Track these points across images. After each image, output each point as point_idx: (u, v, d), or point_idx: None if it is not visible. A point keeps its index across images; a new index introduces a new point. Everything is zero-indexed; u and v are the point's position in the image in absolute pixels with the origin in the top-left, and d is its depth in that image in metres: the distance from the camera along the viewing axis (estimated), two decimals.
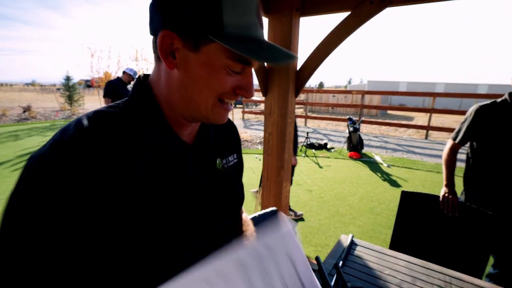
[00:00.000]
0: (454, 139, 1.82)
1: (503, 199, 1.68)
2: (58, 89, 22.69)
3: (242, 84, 0.52)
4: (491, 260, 1.86)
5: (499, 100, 1.69)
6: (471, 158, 1.81)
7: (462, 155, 1.87)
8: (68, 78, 15.50)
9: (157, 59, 0.53)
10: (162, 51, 0.49)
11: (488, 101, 1.72)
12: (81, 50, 37.01)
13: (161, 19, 0.48)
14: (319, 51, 1.97)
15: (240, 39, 0.46)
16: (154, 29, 0.50)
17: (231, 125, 0.78)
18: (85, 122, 0.49)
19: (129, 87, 4.67)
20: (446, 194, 1.66)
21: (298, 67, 2.12)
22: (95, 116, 0.51)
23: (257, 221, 1.52)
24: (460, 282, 1.22)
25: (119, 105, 0.55)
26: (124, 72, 4.61)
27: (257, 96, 16.95)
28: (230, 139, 0.75)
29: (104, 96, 4.41)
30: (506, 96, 1.67)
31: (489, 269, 1.87)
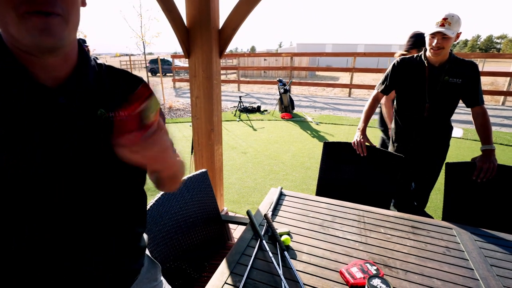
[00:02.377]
0: (377, 88, 1.97)
1: (423, 154, 1.88)
2: None
3: None
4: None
5: (415, 55, 1.82)
6: (394, 114, 1.98)
7: None
8: None
9: None
10: None
11: (408, 55, 1.84)
12: None
13: None
14: (240, 8, 1.90)
15: None
16: None
17: (133, 81, 0.69)
18: None
19: None
20: (357, 137, 1.84)
21: (220, 25, 2.03)
22: None
23: (187, 184, 1.51)
24: (371, 214, 1.42)
25: None
26: None
27: (186, 63, 16.11)
28: (127, 95, 0.68)
29: None
30: (422, 52, 1.78)
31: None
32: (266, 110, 7.76)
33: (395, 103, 1.96)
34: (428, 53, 1.73)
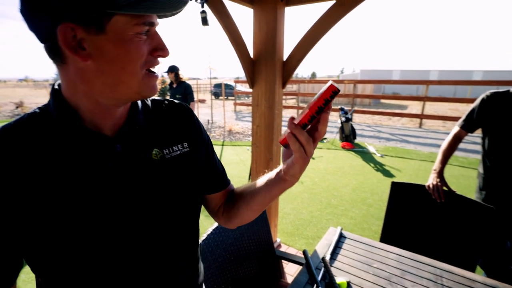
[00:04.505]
0: (460, 125, 1.74)
1: None
2: (51, 84, 23.83)
3: (156, 45, 0.53)
4: None
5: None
6: (482, 154, 1.71)
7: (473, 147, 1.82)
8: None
9: (60, 62, 0.51)
10: (69, 47, 0.46)
11: (501, 89, 1.61)
12: None
13: (51, 19, 0.45)
14: (305, 42, 1.92)
15: (135, 3, 0.46)
16: (47, 32, 0.47)
17: (179, 111, 0.71)
18: (11, 123, 0.53)
19: None
20: (433, 180, 1.62)
21: (285, 58, 2.07)
22: (23, 117, 0.54)
23: None
24: (451, 275, 1.20)
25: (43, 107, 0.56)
26: None
27: (248, 87, 16.76)
28: (179, 126, 0.68)
29: None
30: None
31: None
32: (326, 138, 7.56)
33: (484, 143, 1.70)
34: None
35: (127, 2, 0.45)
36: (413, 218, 1.69)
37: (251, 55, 2.09)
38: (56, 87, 0.56)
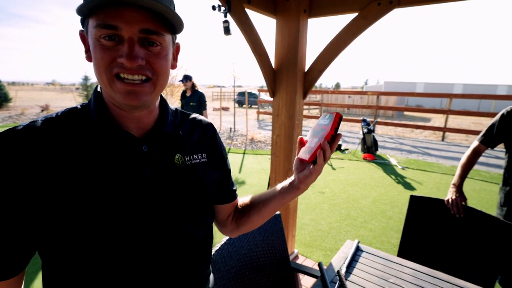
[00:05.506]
0: (479, 140, 1.70)
1: None
2: (77, 88, 24.41)
3: (122, 52, 0.51)
4: None
5: None
6: (504, 172, 1.66)
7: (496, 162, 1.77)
8: (86, 78, 16.21)
9: None
10: (85, 49, 0.56)
11: None
12: None
13: (82, 26, 0.56)
14: (326, 53, 1.94)
15: (89, 3, 0.48)
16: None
17: (205, 125, 0.77)
18: (52, 115, 0.58)
19: None
20: (452, 195, 1.59)
21: (306, 68, 2.10)
22: (64, 111, 0.60)
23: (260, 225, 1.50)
24: None
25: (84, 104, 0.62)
26: None
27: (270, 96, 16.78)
28: (200, 138, 0.74)
29: None
30: None
31: None
32: (347, 149, 7.46)
33: (506, 158, 1.65)
34: None
35: (85, 5, 0.48)
36: (432, 232, 1.65)
37: (273, 65, 2.13)
38: (99, 90, 0.62)
